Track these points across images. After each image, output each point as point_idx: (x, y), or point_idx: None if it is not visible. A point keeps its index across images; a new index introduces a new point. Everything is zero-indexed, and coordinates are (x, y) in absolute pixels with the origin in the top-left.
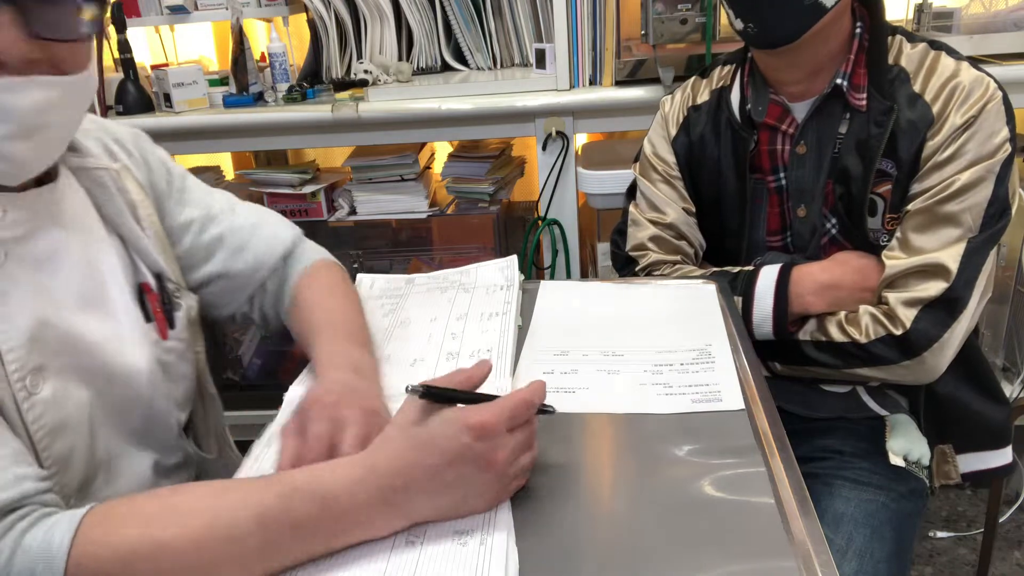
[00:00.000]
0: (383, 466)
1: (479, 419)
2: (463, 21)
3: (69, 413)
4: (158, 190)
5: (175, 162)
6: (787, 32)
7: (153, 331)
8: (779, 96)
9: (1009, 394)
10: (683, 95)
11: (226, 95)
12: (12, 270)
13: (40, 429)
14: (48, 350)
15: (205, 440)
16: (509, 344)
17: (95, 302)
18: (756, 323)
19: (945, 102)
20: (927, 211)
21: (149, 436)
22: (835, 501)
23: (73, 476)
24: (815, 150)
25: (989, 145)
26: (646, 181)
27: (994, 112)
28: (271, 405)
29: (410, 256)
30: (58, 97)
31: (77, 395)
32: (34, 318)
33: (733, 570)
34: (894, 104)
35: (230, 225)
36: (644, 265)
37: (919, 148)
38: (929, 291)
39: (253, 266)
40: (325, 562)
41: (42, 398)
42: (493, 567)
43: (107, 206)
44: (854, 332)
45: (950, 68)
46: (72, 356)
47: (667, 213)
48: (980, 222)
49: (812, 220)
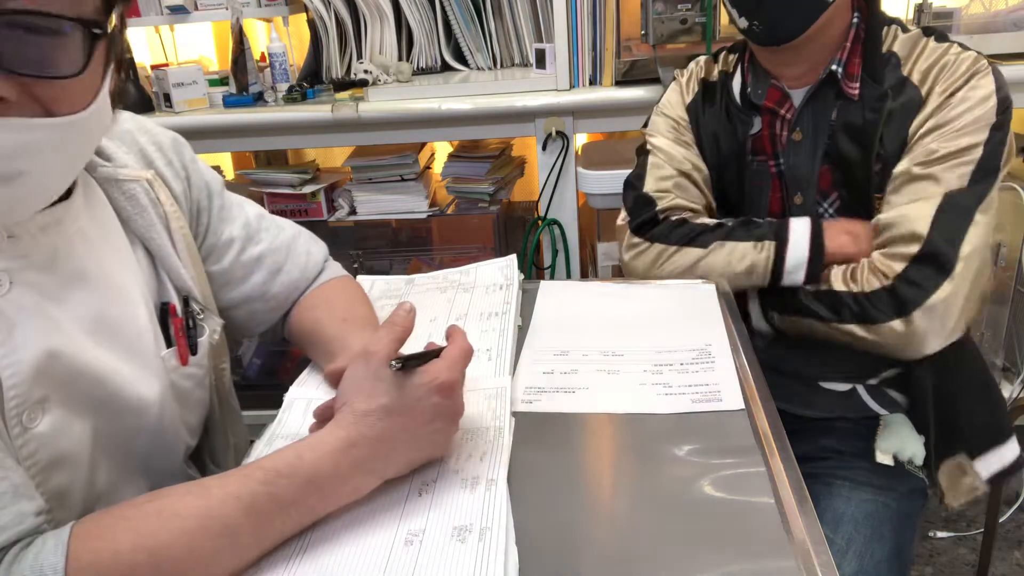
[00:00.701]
0: (365, 438)
1: (446, 379)
2: (463, 21)
3: (68, 447)
4: (198, 205)
5: (214, 173)
6: (792, 29)
7: (173, 357)
8: (779, 82)
9: (1009, 394)
10: (696, 67)
11: (226, 95)
12: (18, 298)
13: (34, 465)
14: (53, 382)
15: (223, 456)
16: (509, 344)
17: (110, 328)
18: (789, 268)
19: (933, 82)
20: (905, 172)
21: (151, 465)
22: (835, 501)
23: (71, 511)
24: (810, 136)
25: (978, 110)
26: (662, 137)
27: (982, 81)
28: (271, 405)
29: (410, 256)
30: (36, 141)
31: (79, 428)
32: (42, 349)
33: (733, 570)
34: (887, 90)
35: (269, 244)
36: (664, 207)
37: (906, 129)
38: (910, 248)
39: (289, 288)
40: (325, 562)
41: (38, 433)
42: (493, 566)
43: (136, 219)
44: (851, 284)
45: (938, 51)
46: (78, 388)
47: (684, 164)
48: (966, 181)
49: (808, 207)
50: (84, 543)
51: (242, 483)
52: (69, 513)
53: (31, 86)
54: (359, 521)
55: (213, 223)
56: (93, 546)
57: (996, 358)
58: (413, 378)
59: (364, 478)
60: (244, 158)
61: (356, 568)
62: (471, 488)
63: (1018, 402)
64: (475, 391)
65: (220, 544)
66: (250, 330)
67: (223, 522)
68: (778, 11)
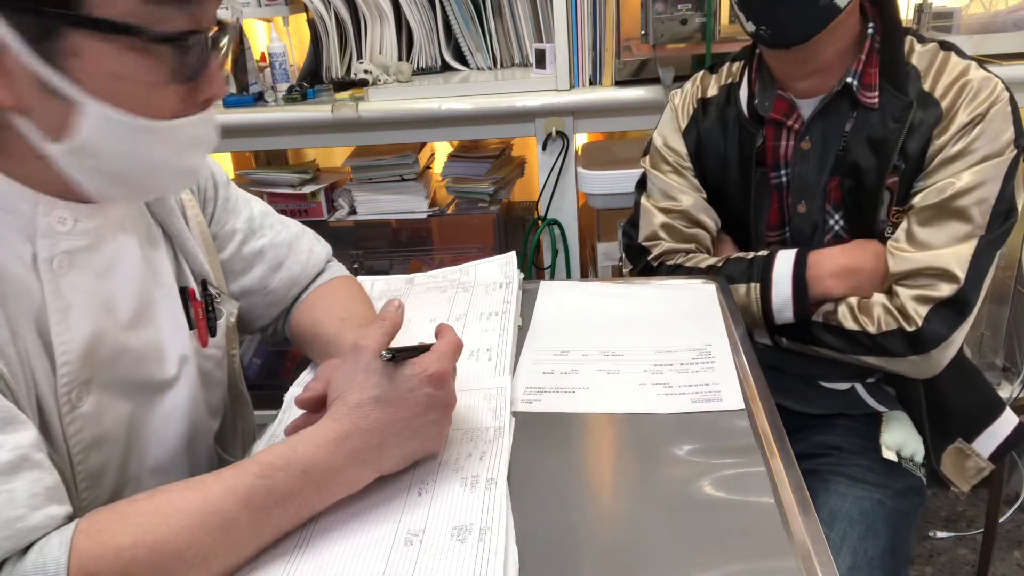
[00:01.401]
0: (359, 429)
1: (436, 370)
2: (463, 21)
3: (108, 427)
4: (204, 195)
5: (220, 166)
6: (801, 33)
7: (194, 338)
8: (786, 93)
9: (1009, 394)
10: (692, 87)
11: (226, 95)
12: (76, 280)
13: (78, 443)
14: (98, 363)
15: (232, 444)
16: (509, 344)
17: (146, 311)
18: (776, 308)
19: (954, 99)
20: (935, 206)
21: (188, 448)
22: (831, 497)
23: (103, 491)
24: (819, 147)
25: (997, 143)
26: (657, 172)
27: (1001, 111)
28: (271, 405)
29: (410, 256)
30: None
31: (118, 409)
32: (92, 331)
33: (733, 570)
34: (913, 101)
35: (271, 240)
36: (656, 254)
37: (926, 143)
38: (941, 291)
39: (288, 284)
40: (325, 562)
41: (83, 412)
42: (493, 566)
43: (158, 204)
44: (866, 322)
45: (959, 67)
46: (118, 369)
47: (680, 200)
48: (988, 219)
49: (813, 217)
50: (87, 539)
51: (238, 477)
52: (103, 492)
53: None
54: (359, 520)
55: (218, 213)
56: (96, 541)
57: (996, 358)
58: (404, 369)
59: (359, 469)
60: (244, 158)
61: (356, 567)
62: (471, 488)
63: (1018, 402)
64: (475, 391)
65: (219, 538)
66: (250, 324)
67: (221, 517)
68: (788, 16)
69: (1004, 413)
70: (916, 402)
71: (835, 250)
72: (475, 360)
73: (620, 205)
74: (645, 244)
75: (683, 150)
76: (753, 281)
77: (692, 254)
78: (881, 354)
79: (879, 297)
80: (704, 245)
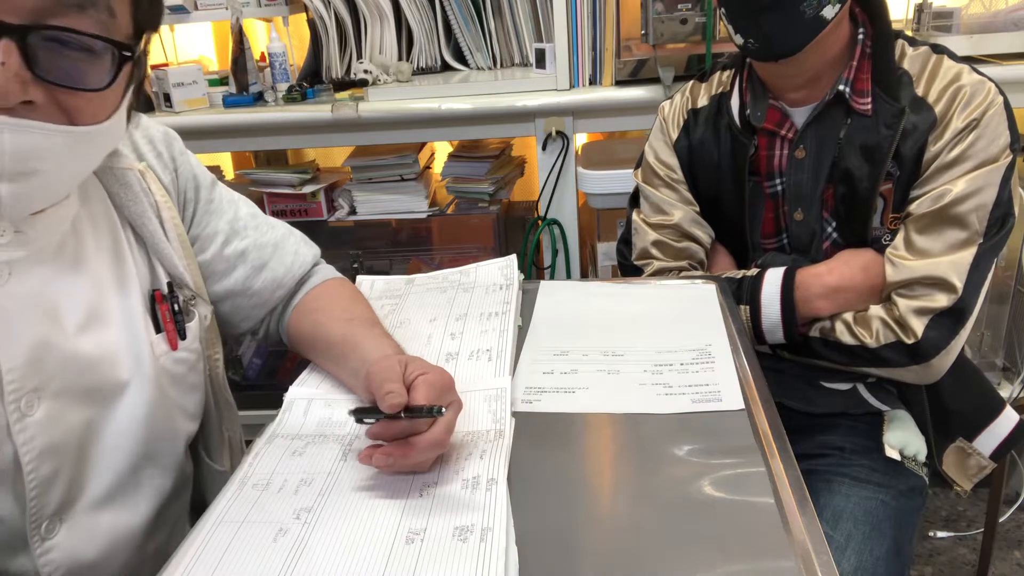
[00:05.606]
0: None
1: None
2: (463, 21)
3: (61, 435)
4: (184, 196)
5: (204, 168)
6: (789, 46)
7: (163, 342)
8: (778, 102)
9: (1009, 394)
10: (682, 99)
11: (226, 95)
12: (15, 289)
13: (29, 452)
14: (47, 371)
15: (218, 451)
16: (509, 344)
17: (102, 316)
18: (766, 330)
19: (948, 104)
20: (932, 214)
21: (151, 452)
22: (834, 498)
23: (52, 499)
24: (814, 155)
25: (993, 149)
26: (649, 187)
27: (996, 116)
28: (271, 405)
29: (410, 256)
30: (55, 145)
31: (73, 417)
32: (35, 339)
33: (733, 570)
34: (905, 107)
35: (255, 241)
36: (649, 273)
37: (921, 149)
38: (939, 302)
39: (272, 285)
40: (325, 561)
41: (35, 420)
42: (493, 566)
43: (130, 207)
44: (864, 335)
45: (952, 71)
46: (70, 376)
47: (672, 214)
48: (985, 225)
49: (810, 224)
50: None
51: None
52: (51, 500)
53: (58, 94)
54: (360, 520)
55: (199, 215)
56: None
57: (996, 358)
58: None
59: None
60: (244, 158)
61: (357, 567)
62: (472, 488)
63: (1018, 401)
64: (475, 391)
65: None
66: (236, 326)
67: None
68: (775, 30)
69: (1004, 411)
70: (919, 401)
71: (822, 268)
72: (475, 361)
73: (620, 205)
74: (637, 263)
75: (674, 162)
76: (742, 303)
77: (684, 272)
78: (882, 365)
79: (876, 309)
80: (696, 259)
